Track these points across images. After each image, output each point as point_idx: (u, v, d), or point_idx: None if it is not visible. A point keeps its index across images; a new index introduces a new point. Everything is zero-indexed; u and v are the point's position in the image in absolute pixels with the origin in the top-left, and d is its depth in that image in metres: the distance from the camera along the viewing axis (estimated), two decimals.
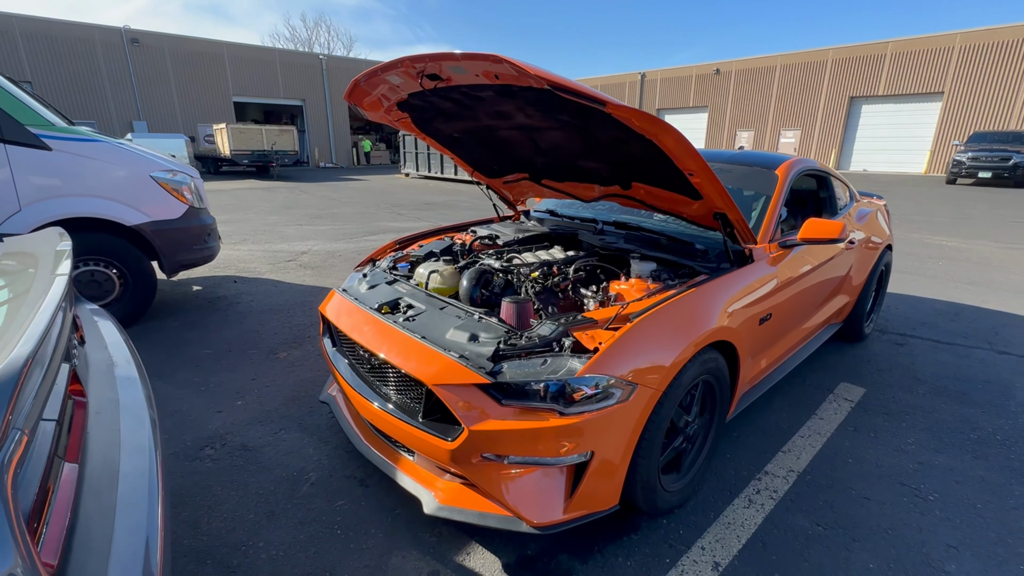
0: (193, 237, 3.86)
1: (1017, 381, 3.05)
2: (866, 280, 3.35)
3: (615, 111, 1.44)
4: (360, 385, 1.88)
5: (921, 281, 5.24)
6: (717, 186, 1.80)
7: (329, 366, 2.15)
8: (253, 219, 8.83)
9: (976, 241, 7.40)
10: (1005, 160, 15.28)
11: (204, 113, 23.61)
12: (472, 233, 2.88)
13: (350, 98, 2.19)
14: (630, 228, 2.58)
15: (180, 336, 3.52)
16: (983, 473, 2.19)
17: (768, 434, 2.45)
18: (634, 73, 32.49)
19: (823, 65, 24.39)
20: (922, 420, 2.60)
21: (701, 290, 1.85)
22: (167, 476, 1.10)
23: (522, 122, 2.07)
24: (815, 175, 3.11)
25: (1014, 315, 4.25)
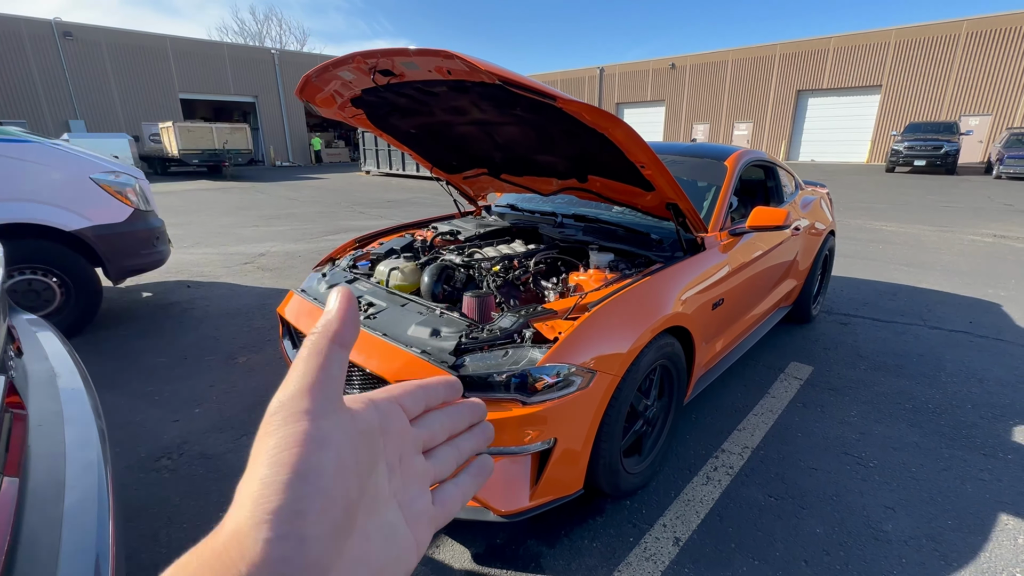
0: (140, 241, 3.69)
1: (947, 354, 3.30)
2: (812, 264, 3.54)
3: (566, 106, 1.48)
4: None
5: (863, 264, 5.57)
6: (667, 177, 1.86)
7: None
8: (206, 221, 8.48)
9: (912, 225, 7.90)
10: (937, 149, 16.33)
11: (149, 111, 22.41)
12: (433, 229, 2.88)
13: (302, 95, 2.14)
14: (589, 220, 2.64)
15: (132, 345, 3.37)
16: (917, 439, 2.37)
17: (725, 414, 2.57)
18: (593, 68, 32.87)
19: (771, 60, 25.36)
20: (864, 393, 2.78)
21: (656, 278, 1.92)
22: (119, 489, 1.06)
23: (478, 117, 2.08)
24: (763, 165, 3.26)
25: (945, 293, 4.58)
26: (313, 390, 0.24)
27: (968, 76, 20.48)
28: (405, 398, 0.31)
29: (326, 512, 0.22)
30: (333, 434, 0.24)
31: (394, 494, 0.28)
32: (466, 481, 0.34)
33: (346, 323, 0.27)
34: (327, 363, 0.25)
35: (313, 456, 0.22)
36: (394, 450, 0.29)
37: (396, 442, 0.29)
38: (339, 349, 0.26)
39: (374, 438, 0.27)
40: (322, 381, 0.25)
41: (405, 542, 0.27)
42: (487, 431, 0.36)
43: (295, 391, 0.24)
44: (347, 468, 0.24)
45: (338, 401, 0.26)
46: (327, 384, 0.25)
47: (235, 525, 0.21)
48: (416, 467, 0.30)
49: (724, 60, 27.05)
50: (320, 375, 0.25)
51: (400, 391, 0.31)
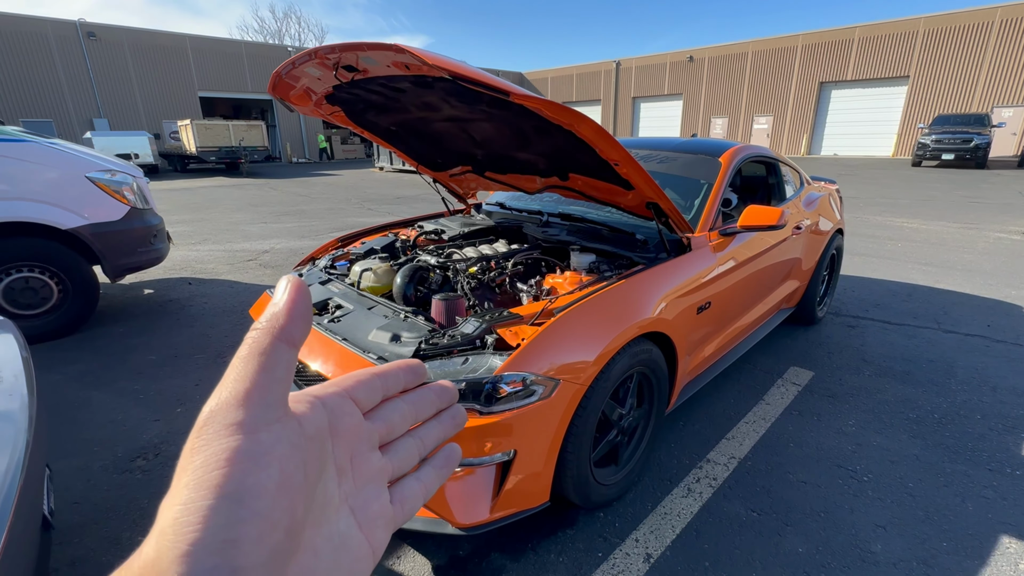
0: (137, 239, 3.72)
1: (960, 360, 3.13)
2: (816, 264, 3.39)
3: (523, 101, 1.40)
4: None
5: (879, 263, 5.35)
6: (643, 176, 1.77)
7: None
8: (217, 218, 8.60)
9: (935, 222, 7.58)
10: (967, 142, 15.69)
11: (169, 109, 22.89)
12: (418, 228, 2.82)
13: (274, 92, 2.10)
14: (574, 219, 2.56)
15: (124, 343, 3.40)
16: (918, 452, 2.24)
17: (714, 421, 2.47)
18: (609, 62, 32.44)
19: (793, 51, 24.66)
20: (865, 401, 2.65)
21: (632, 281, 1.84)
22: (30, 501, 1.03)
23: (451, 114, 2.01)
24: (763, 161, 3.12)
25: (964, 294, 4.36)
26: (251, 397, 0.21)
27: (1001, 65, 19.61)
28: (358, 389, 0.28)
29: (264, 538, 0.19)
30: (275, 448, 0.21)
31: (345, 499, 0.25)
32: (429, 474, 0.31)
33: (294, 317, 0.23)
34: (269, 363, 0.22)
35: (249, 476, 0.19)
36: (345, 451, 0.26)
37: (347, 442, 0.26)
38: (285, 347, 0.23)
39: (322, 442, 0.24)
40: (262, 385, 0.21)
41: (359, 550, 0.25)
42: (457, 416, 0.33)
43: (228, 399, 0.21)
44: (292, 486, 0.21)
45: (282, 408, 0.22)
46: (269, 389, 0.22)
47: (155, 554, 0.18)
48: (371, 466, 0.27)
49: (744, 52, 26.41)
50: (260, 378, 0.22)
51: (353, 382, 0.28)
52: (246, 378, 0.21)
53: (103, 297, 4.30)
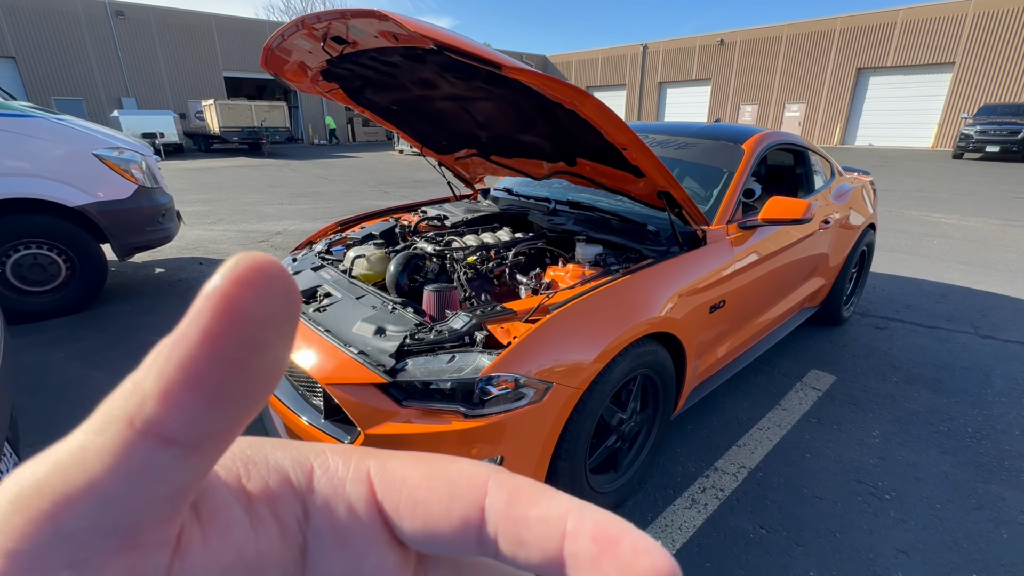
0: (145, 218, 3.70)
1: (998, 368, 2.90)
2: (844, 261, 3.18)
3: (517, 75, 1.26)
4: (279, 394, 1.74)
5: (913, 261, 5.05)
6: (654, 161, 1.62)
7: None
8: (234, 198, 8.64)
9: (975, 218, 7.16)
10: (1014, 133, 14.82)
11: (194, 89, 23.16)
12: (420, 213, 2.71)
13: (267, 66, 2.00)
14: (583, 208, 2.41)
15: (131, 322, 3.40)
16: (948, 469, 2.06)
17: (725, 427, 2.33)
18: (636, 45, 31.56)
19: (831, 35, 23.56)
20: (891, 410, 2.47)
21: (638, 277, 1.70)
22: None
23: (451, 92, 1.88)
24: (791, 149, 2.91)
25: (1004, 296, 4.08)
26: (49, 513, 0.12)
27: None
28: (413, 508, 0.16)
29: None
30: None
31: None
32: None
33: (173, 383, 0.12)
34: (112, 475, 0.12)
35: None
36: None
37: None
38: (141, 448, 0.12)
39: None
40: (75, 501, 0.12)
41: None
42: None
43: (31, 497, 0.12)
44: None
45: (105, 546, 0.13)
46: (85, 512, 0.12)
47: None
48: None
49: (777, 35, 25.35)
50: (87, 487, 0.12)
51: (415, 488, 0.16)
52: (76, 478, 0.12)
53: (113, 275, 4.32)
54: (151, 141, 16.97)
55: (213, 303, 0.12)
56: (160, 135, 17.19)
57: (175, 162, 15.16)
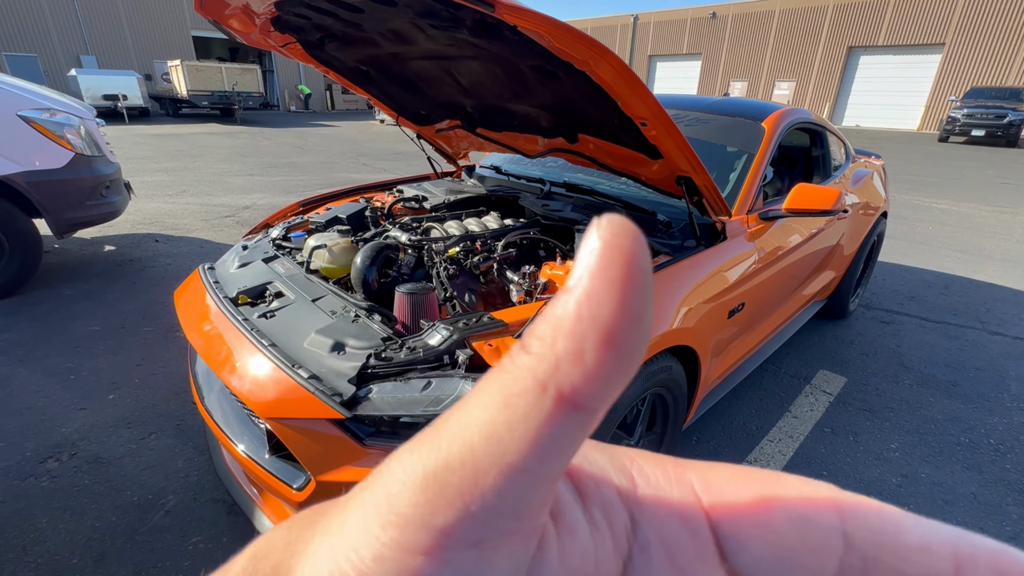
0: (85, 190, 3.28)
1: (1011, 368, 2.75)
2: (857, 252, 2.96)
3: (519, 20, 0.95)
4: (212, 406, 1.45)
5: (910, 248, 4.90)
6: (678, 140, 1.33)
7: (188, 369, 1.71)
8: (200, 167, 8.06)
9: (966, 204, 7.06)
10: (1000, 118, 14.81)
11: (161, 48, 21.75)
12: (396, 193, 2.38)
13: (203, 10, 1.62)
14: (582, 191, 2.11)
15: (68, 309, 3.02)
16: (975, 489, 1.89)
17: (733, 438, 2.11)
18: (626, 15, 30.64)
19: (824, 11, 23.13)
20: (908, 419, 2.28)
21: (654, 280, 1.42)
22: None
23: (429, 48, 1.54)
24: (809, 129, 2.64)
25: (1005, 288, 3.95)
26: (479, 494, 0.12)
27: None
28: None
29: None
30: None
31: None
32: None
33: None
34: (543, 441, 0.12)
35: None
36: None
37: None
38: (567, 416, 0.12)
39: None
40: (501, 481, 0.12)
41: None
42: None
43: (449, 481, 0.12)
44: None
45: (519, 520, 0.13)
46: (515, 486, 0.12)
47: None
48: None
49: (770, 10, 24.81)
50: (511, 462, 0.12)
51: None
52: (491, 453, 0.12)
53: (55, 254, 3.90)
54: (113, 103, 15.93)
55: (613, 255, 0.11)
56: (123, 97, 16.11)
57: (139, 127, 14.23)
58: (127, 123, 15.20)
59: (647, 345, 0.12)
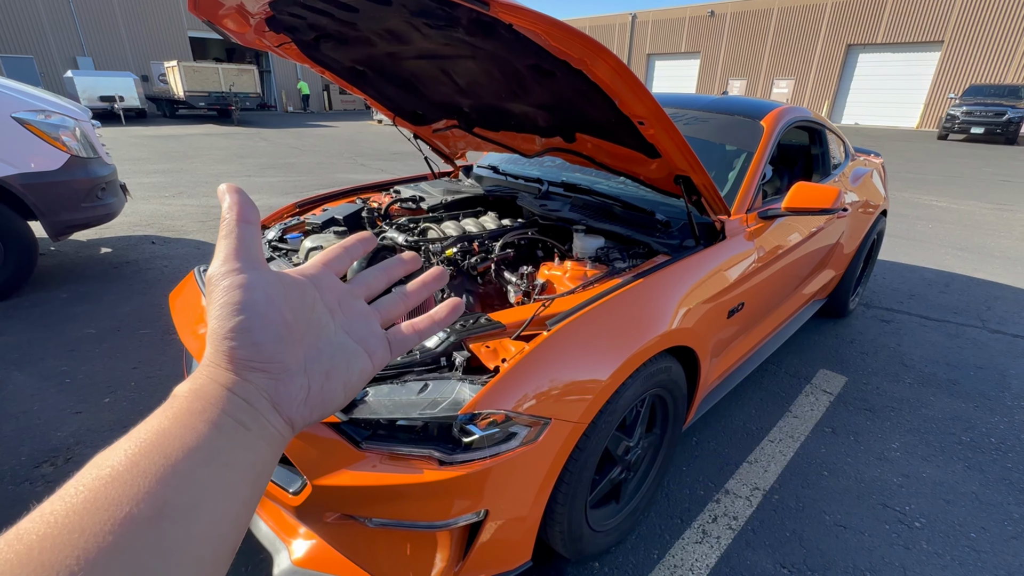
0: (79, 193, 3.25)
1: (1012, 367, 2.74)
2: (857, 250, 2.95)
3: (515, 19, 0.93)
4: None
5: (910, 246, 4.89)
6: (676, 139, 1.31)
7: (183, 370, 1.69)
8: (198, 169, 8.04)
9: (966, 201, 7.05)
10: (999, 115, 14.80)
11: (157, 49, 21.71)
12: (393, 194, 2.37)
13: (197, 10, 1.60)
14: (580, 191, 2.10)
15: (64, 312, 3.00)
16: (976, 488, 1.87)
17: (733, 438, 2.10)
18: (624, 14, 30.62)
19: (822, 9, 23.12)
20: (909, 418, 2.27)
21: (653, 280, 1.41)
22: None
23: (425, 47, 1.53)
24: (808, 127, 2.62)
25: (1006, 286, 3.94)
26: (237, 254, 0.31)
27: None
28: (330, 262, 0.39)
29: (267, 327, 0.30)
30: (258, 281, 0.31)
31: (341, 327, 0.36)
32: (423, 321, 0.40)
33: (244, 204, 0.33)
34: (241, 235, 0.32)
35: (247, 295, 0.30)
36: (332, 297, 0.37)
37: (331, 293, 0.37)
38: (248, 225, 0.33)
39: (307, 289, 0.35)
40: (241, 249, 0.32)
41: (355, 352, 0.36)
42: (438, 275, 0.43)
43: (222, 260, 0.31)
44: (275, 300, 0.31)
45: (259, 261, 0.32)
46: (246, 250, 0.32)
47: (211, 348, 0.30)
48: (357, 308, 0.38)
49: (769, 8, 24.80)
50: (239, 244, 0.32)
51: (324, 258, 0.39)
52: (229, 246, 0.32)
53: (50, 256, 3.88)
54: (110, 105, 15.90)
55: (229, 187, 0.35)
56: (119, 98, 16.08)
57: (136, 128, 14.21)
58: (124, 124, 15.17)
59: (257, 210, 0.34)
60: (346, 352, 0.35)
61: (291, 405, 0.31)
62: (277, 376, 0.30)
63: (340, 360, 0.34)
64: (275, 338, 0.30)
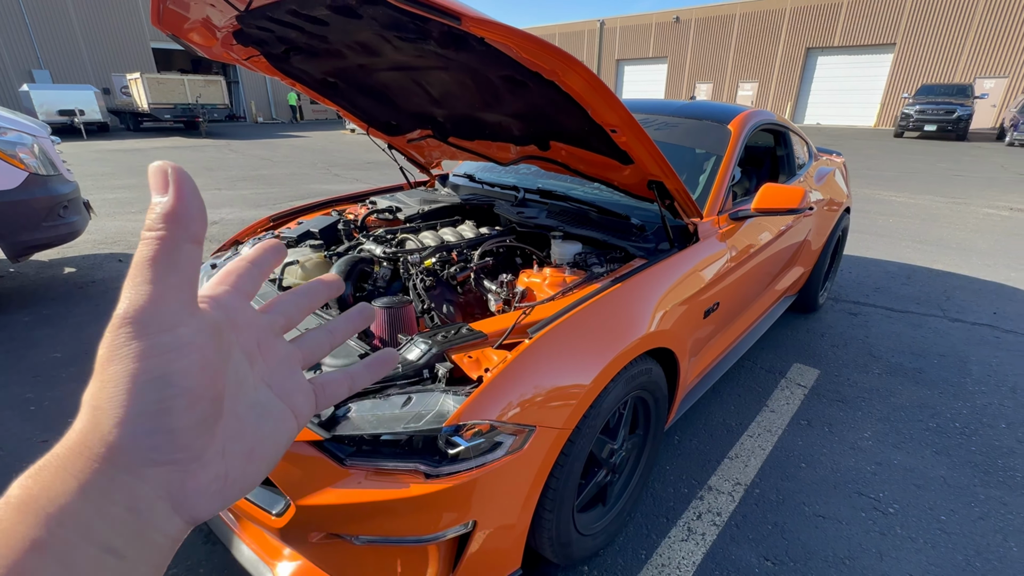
0: (40, 211, 3.14)
1: (971, 353, 2.87)
2: (823, 247, 3.05)
3: (486, 32, 0.95)
4: None
5: (873, 240, 5.08)
6: (648, 146, 1.35)
7: None
8: None
9: (923, 196, 7.37)
10: (949, 113, 15.53)
11: (119, 61, 21.08)
12: (369, 205, 2.35)
13: (161, 24, 1.58)
14: (556, 197, 2.12)
15: (27, 336, 2.88)
16: (944, 472, 1.96)
17: (714, 435, 2.14)
18: (593, 21, 31.11)
19: (781, 14, 23.93)
20: (879, 407, 2.36)
21: (630, 285, 1.44)
22: None
23: (397, 59, 1.53)
24: (773, 130, 2.71)
25: (963, 276, 4.13)
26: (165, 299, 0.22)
27: (986, 36, 19.37)
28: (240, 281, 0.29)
29: (193, 407, 0.22)
30: (195, 339, 0.23)
31: (261, 378, 0.28)
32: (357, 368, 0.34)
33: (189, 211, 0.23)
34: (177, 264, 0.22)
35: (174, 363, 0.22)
36: (250, 338, 0.28)
37: (249, 331, 0.28)
38: (190, 246, 0.23)
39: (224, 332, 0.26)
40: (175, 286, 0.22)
41: (281, 414, 0.28)
42: (364, 312, 0.36)
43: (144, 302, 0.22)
44: (211, 366, 0.24)
45: (194, 304, 0.24)
46: (181, 289, 0.23)
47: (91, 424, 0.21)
48: (278, 350, 0.30)
49: (731, 14, 25.54)
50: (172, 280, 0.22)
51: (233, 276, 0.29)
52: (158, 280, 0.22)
53: (11, 278, 3.72)
54: (69, 119, 15.35)
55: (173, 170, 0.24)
56: (80, 112, 15.53)
57: (98, 142, 13.74)
58: (85, 139, 14.66)
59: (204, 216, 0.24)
60: (270, 416, 0.28)
61: (199, 502, 0.23)
62: (185, 468, 0.22)
63: (265, 430, 0.27)
64: (199, 420, 0.23)
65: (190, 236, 0.23)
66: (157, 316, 0.22)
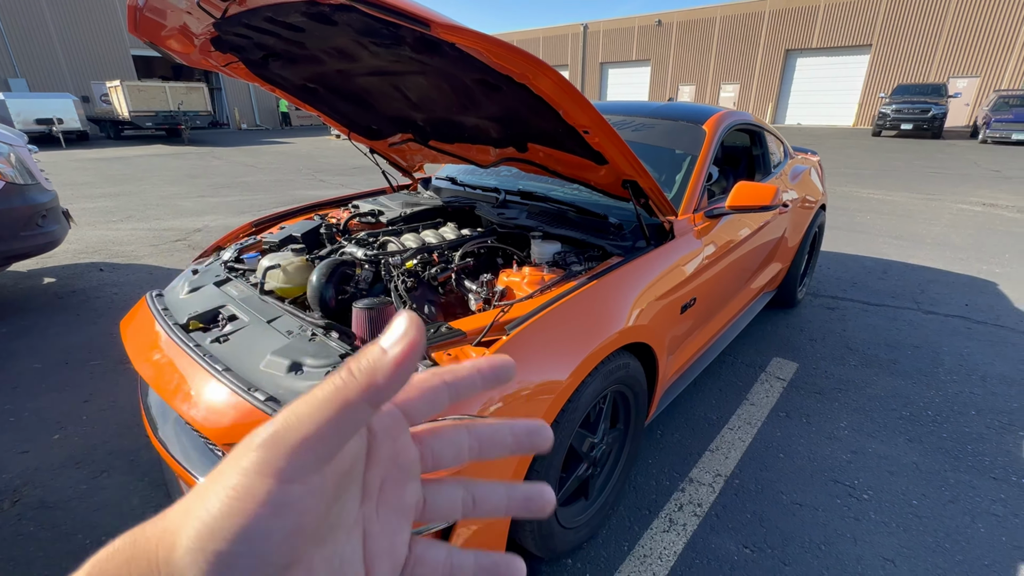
0: (18, 221, 3.10)
1: (944, 344, 2.95)
2: (800, 244, 3.13)
3: (455, 38, 0.98)
4: (168, 437, 1.40)
5: (851, 237, 5.20)
6: (620, 147, 1.39)
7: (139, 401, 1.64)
8: (147, 191, 7.74)
9: (900, 193, 7.54)
10: (925, 112, 15.90)
11: (98, 69, 20.77)
12: (352, 209, 2.37)
13: (138, 32, 1.59)
14: (536, 198, 2.16)
15: (5, 347, 2.84)
16: (917, 459, 2.02)
17: (695, 429, 2.19)
18: (576, 24, 31.36)
19: (761, 16, 24.35)
20: (854, 398, 2.42)
21: (606, 281, 1.47)
22: None
23: (375, 64, 1.56)
24: (748, 130, 2.78)
25: (937, 270, 4.24)
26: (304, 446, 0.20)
27: (958, 36, 19.89)
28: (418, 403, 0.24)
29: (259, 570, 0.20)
30: (302, 501, 0.20)
31: (360, 521, 0.24)
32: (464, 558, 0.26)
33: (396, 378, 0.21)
34: (343, 421, 0.20)
35: (264, 522, 0.19)
36: (377, 475, 0.24)
37: (383, 467, 0.24)
38: (367, 408, 0.21)
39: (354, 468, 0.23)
40: (323, 439, 0.20)
41: None
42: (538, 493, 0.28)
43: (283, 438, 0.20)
44: (304, 533, 0.20)
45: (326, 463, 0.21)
46: (327, 444, 0.20)
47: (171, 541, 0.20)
48: (402, 498, 0.25)
49: (712, 17, 25.93)
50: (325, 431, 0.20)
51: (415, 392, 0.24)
52: (312, 423, 0.20)
53: None
54: (48, 128, 15.10)
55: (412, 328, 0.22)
56: (58, 121, 15.28)
57: (78, 151, 13.54)
58: (64, 148, 14.43)
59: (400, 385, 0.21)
60: None
61: None
62: None
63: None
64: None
65: (374, 399, 0.21)
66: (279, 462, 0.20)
